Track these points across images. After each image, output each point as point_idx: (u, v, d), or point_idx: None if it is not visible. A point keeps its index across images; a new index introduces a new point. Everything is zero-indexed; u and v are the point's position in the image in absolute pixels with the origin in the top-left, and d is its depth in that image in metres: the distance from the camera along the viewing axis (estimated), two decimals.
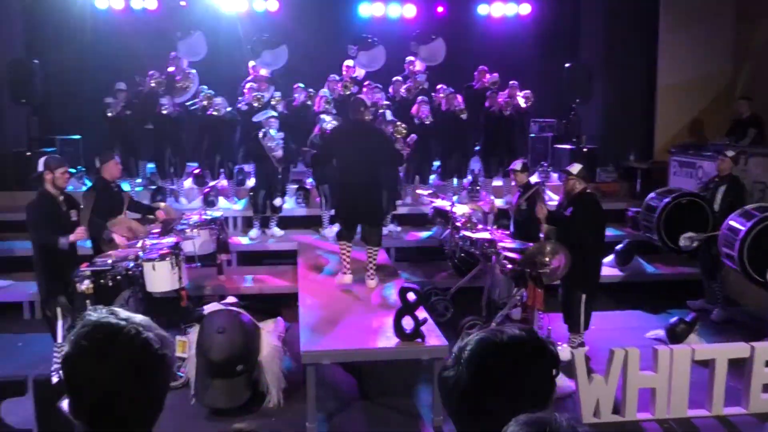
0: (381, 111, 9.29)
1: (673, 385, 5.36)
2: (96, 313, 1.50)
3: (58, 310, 5.57)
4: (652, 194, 8.85)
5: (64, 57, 11.61)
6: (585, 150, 11.33)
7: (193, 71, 10.40)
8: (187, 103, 10.00)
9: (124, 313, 1.50)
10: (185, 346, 5.52)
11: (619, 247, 8.83)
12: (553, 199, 9.33)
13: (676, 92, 11.13)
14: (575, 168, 6.67)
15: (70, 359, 1.43)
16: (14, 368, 5.94)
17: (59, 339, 5.65)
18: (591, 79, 11.42)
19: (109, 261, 5.67)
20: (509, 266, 6.38)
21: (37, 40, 11.25)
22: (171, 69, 10.33)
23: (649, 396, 5.43)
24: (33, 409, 4.49)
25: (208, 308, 5.63)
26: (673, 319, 6.93)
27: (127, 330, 1.43)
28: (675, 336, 6.70)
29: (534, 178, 10.64)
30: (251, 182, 9.65)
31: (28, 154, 10.19)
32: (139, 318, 1.49)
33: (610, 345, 5.56)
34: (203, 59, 10.70)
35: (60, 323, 5.59)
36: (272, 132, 8.78)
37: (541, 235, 6.83)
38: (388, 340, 5.27)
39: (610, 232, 9.45)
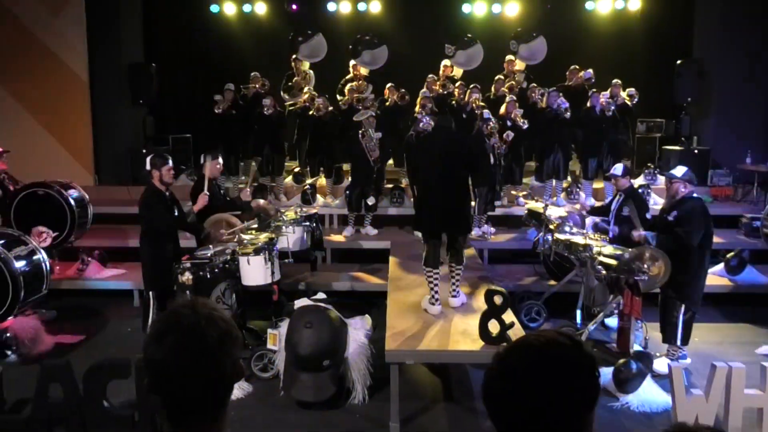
0: (478, 111, 9.22)
1: None
2: (177, 303, 1.64)
3: (152, 302, 5.93)
4: None
5: (177, 60, 12.34)
6: (696, 151, 10.71)
7: (311, 72, 10.71)
8: (288, 104, 10.32)
9: (203, 303, 1.59)
10: (275, 339, 5.70)
11: (730, 255, 8.26)
12: (658, 203, 8.88)
13: None
14: (680, 170, 6.31)
15: (145, 341, 1.60)
16: (122, 352, 6.34)
17: (148, 330, 6.00)
18: (704, 76, 10.75)
19: (208, 254, 5.96)
20: (604, 272, 6.13)
21: (155, 45, 11.99)
22: (291, 71, 10.68)
23: (755, 416, 5.05)
24: (135, 390, 4.79)
25: (298, 303, 5.79)
26: None
27: (187, 320, 1.55)
28: None
29: (640, 181, 10.20)
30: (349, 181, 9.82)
31: (144, 151, 10.90)
32: (206, 312, 1.56)
33: (716, 359, 5.22)
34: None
35: (151, 313, 5.94)
36: (370, 132, 8.90)
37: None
38: (473, 342, 5.22)
39: (721, 239, 8.92)
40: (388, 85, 10.38)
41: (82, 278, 8.45)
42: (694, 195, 6.32)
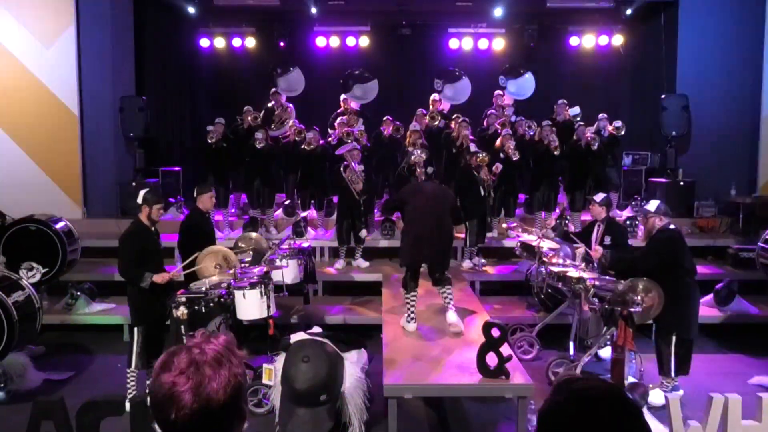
0: (466, 145, 9.36)
1: None
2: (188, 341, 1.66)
3: (136, 337, 5.84)
4: None
5: (168, 94, 12.39)
6: (682, 183, 10.89)
7: (290, 105, 10.82)
8: (279, 136, 10.39)
9: (197, 348, 1.61)
10: (271, 373, 5.63)
11: (719, 286, 8.36)
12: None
13: None
14: (652, 205, 6.41)
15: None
16: (113, 388, 6.25)
17: (132, 365, 5.92)
18: (688, 110, 10.99)
19: (203, 288, 5.92)
20: (598, 303, 6.17)
21: (145, 79, 12.05)
22: (270, 104, 10.79)
23: None
24: (129, 428, 4.70)
25: (294, 337, 5.74)
26: None
27: (179, 360, 1.59)
28: None
29: (628, 213, 10.35)
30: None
31: (133, 184, 10.88)
32: (197, 355, 1.59)
33: (708, 390, 5.24)
34: (299, 94, 11.14)
35: (135, 348, 5.85)
36: (353, 164, 8.97)
37: None
38: (471, 375, 5.21)
39: (708, 269, 9.04)
40: (385, 118, 10.50)
41: (71, 313, 8.34)
42: (671, 227, 6.39)
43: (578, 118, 10.34)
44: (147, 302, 6.01)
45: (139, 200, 6.14)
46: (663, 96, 11.22)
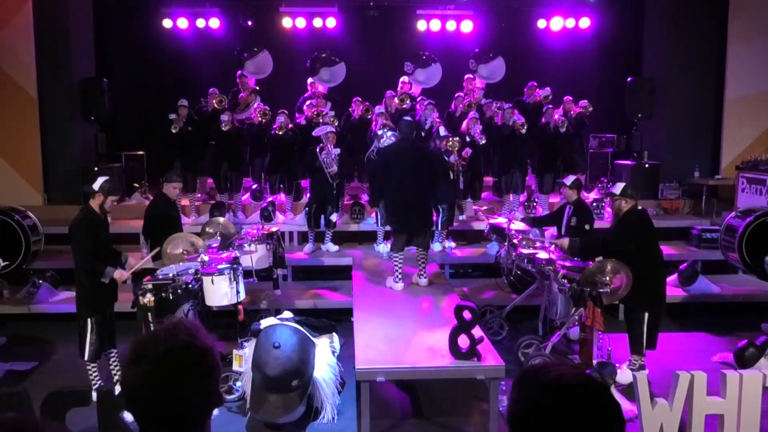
0: (435, 128, 9.33)
1: (743, 413, 5.10)
2: (161, 326, 1.63)
3: (89, 327, 5.70)
4: (731, 213, 8.56)
5: (130, 76, 12.09)
6: (647, 166, 11.04)
7: (257, 89, 10.65)
8: (244, 118, 10.24)
9: (184, 328, 1.57)
10: (241, 360, 5.58)
11: (682, 266, 8.52)
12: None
13: (745, 105, 10.74)
14: (618, 188, 6.44)
15: (123, 361, 1.66)
16: (78, 378, 6.10)
17: (85, 356, 5.77)
18: (654, 93, 11.11)
19: (170, 274, 5.80)
20: (567, 285, 6.23)
21: (107, 60, 11.72)
22: (237, 87, 10.60)
23: (716, 423, 5.19)
24: (96, 418, 4.62)
25: (265, 323, 5.69)
26: (742, 343, 6.62)
27: (164, 345, 1.54)
28: (743, 360, 6.41)
29: (594, 195, 10.46)
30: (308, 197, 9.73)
31: (96, 169, 10.60)
32: (184, 338, 1.55)
33: (673, 368, 5.34)
34: (266, 76, 10.97)
35: (88, 340, 5.70)
36: (329, 147, 8.87)
37: None
38: (443, 358, 5.22)
39: (672, 250, 9.20)
40: (355, 98, 10.39)
41: (33, 302, 8.12)
42: (639, 208, 6.46)
43: (549, 99, 10.37)
44: (98, 292, 5.81)
45: (96, 187, 5.81)
46: (629, 79, 11.32)
